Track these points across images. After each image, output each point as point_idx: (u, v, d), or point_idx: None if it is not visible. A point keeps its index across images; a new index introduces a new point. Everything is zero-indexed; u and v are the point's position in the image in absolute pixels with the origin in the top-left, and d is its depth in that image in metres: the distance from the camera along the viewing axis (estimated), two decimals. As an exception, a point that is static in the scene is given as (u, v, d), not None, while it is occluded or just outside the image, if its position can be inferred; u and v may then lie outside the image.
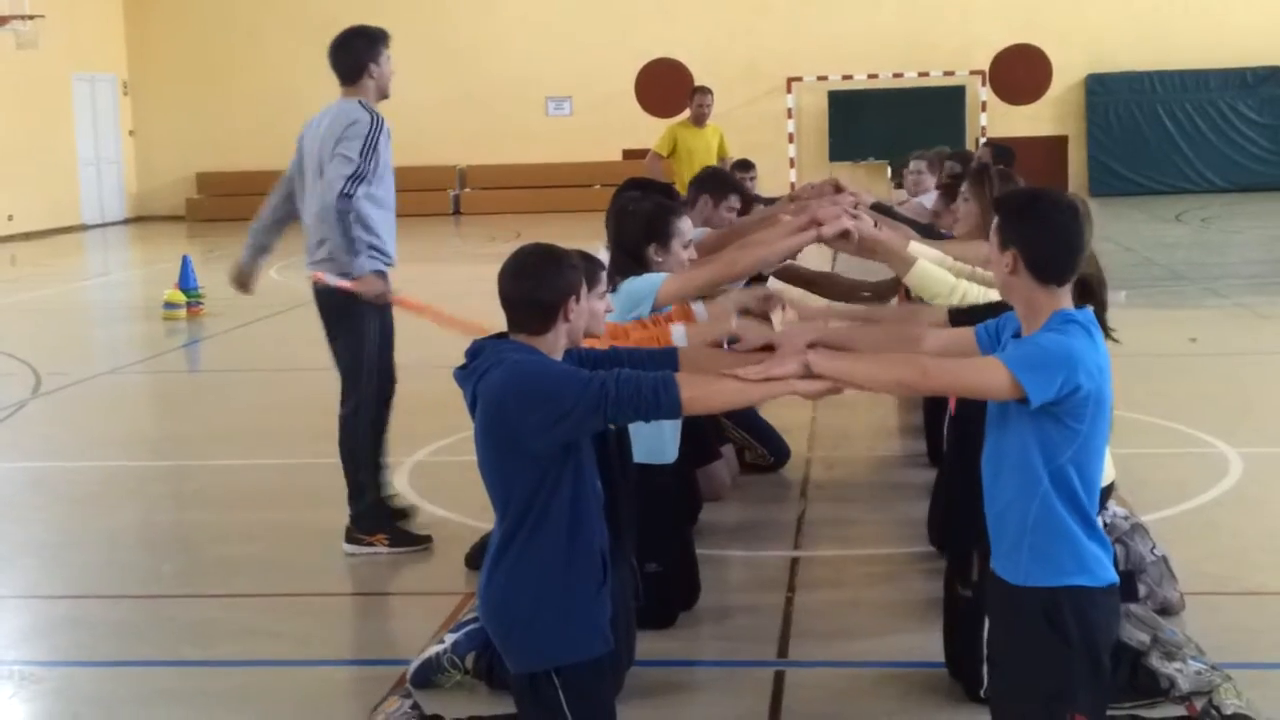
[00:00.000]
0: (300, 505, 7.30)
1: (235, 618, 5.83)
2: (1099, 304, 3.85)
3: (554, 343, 3.92)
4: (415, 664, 4.93)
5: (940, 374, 3.66)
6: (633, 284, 5.46)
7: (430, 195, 28.07)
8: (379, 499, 6.62)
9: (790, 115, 27.44)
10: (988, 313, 4.17)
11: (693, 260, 5.75)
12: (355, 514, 6.52)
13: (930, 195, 8.98)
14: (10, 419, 9.96)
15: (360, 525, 6.51)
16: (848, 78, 27.16)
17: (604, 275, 4.38)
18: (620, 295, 5.33)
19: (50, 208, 25.89)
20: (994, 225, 3.75)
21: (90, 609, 6.04)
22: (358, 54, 6.51)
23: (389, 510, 6.67)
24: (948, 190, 7.65)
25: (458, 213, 28.22)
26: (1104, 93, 26.80)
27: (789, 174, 26.59)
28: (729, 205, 7.34)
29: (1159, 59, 26.62)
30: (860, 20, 27.07)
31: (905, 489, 7.30)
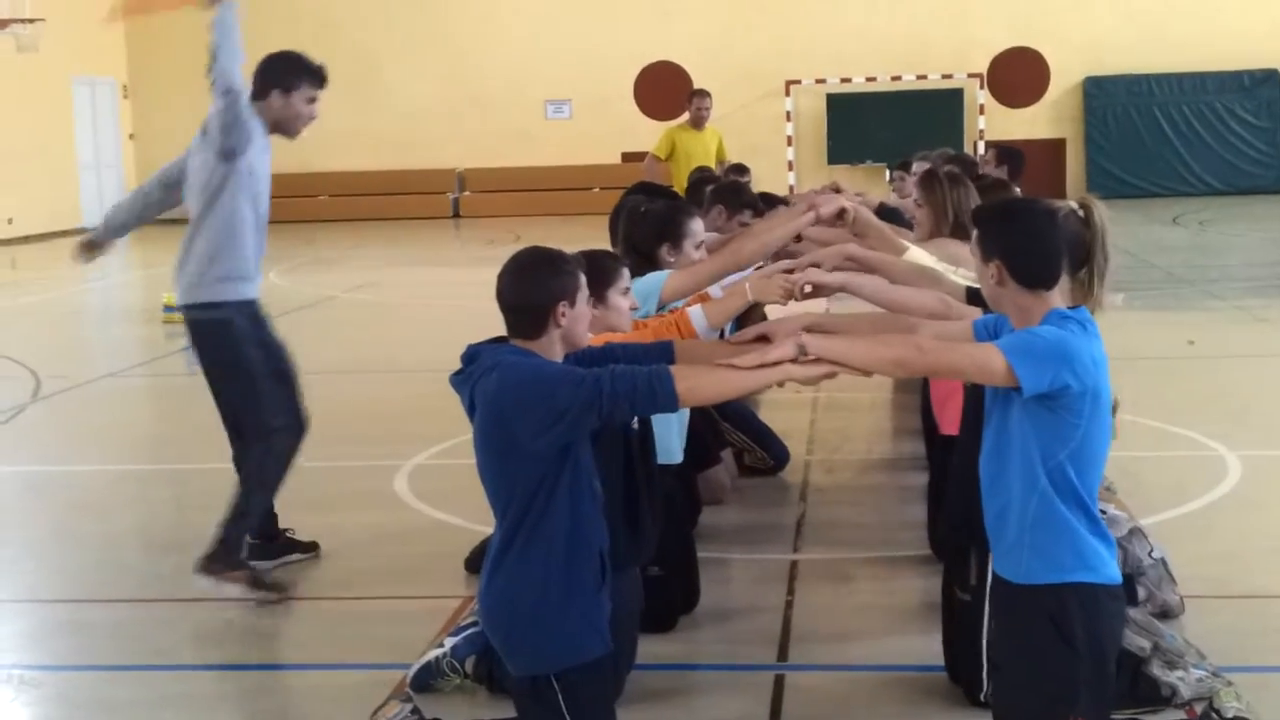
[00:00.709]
0: (298, 509, 7.29)
1: (235, 622, 5.82)
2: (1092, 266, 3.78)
3: (549, 347, 3.89)
4: (415, 668, 4.93)
5: (937, 353, 3.63)
6: (636, 284, 5.46)
7: (430, 198, 28.11)
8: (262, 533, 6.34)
9: (789, 118, 27.44)
10: None
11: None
12: (224, 540, 6.03)
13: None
14: (10, 422, 9.96)
15: (221, 558, 5.99)
16: (846, 80, 27.17)
17: (625, 272, 4.38)
18: None
19: (50, 211, 25.86)
20: (974, 239, 3.77)
21: (90, 613, 6.04)
22: (269, 76, 6.14)
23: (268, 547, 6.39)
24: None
25: (457, 216, 28.21)
26: (1102, 95, 26.82)
27: (788, 177, 26.61)
28: (741, 220, 7.35)
29: (1157, 62, 26.63)
30: (858, 23, 27.07)
31: (905, 492, 7.31)
